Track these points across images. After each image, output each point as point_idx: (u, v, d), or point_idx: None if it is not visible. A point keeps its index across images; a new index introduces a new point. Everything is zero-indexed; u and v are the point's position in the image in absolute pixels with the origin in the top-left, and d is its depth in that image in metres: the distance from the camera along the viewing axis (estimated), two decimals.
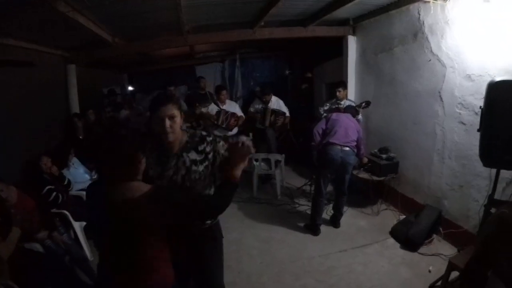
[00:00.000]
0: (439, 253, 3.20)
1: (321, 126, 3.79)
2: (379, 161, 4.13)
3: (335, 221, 3.94)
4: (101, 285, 1.57)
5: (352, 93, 5.04)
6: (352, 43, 5.01)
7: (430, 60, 3.47)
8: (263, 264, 3.25)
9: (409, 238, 3.38)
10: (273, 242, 3.68)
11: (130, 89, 7.31)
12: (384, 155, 4.15)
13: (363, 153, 3.98)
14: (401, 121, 4.15)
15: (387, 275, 3.01)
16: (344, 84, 4.69)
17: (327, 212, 4.10)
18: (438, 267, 2.98)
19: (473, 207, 3.13)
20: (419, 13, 3.56)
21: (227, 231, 2.37)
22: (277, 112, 4.99)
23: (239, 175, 1.56)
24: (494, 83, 2.30)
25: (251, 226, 4.05)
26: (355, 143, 3.69)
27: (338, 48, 5.32)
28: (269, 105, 5.10)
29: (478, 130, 2.45)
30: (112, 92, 6.03)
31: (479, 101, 2.91)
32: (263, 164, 5.06)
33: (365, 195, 4.44)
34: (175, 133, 1.61)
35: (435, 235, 3.45)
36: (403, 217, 3.90)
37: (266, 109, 5.06)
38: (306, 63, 7.56)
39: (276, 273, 3.11)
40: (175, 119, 1.58)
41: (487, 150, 2.40)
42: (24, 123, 3.58)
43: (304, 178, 5.45)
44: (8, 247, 2.09)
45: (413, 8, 3.63)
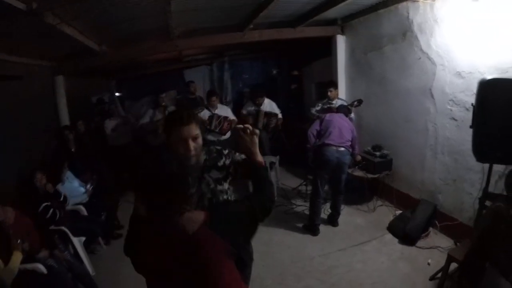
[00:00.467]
0: (437, 246, 3.30)
1: (315, 127, 3.82)
2: (373, 158, 4.19)
3: (333, 220, 3.99)
4: None
5: (342, 93, 5.08)
6: (341, 42, 5.05)
7: (420, 58, 3.54)
8: (265, 267, 3.26)
9: (406, 233, 3.45)
10: (273, 244, 3.70)
11: (117, 95, 7.18)
12: (377, 153, 4.22)
13: (358, 152, 4.05)
14: (392, 119, 4.22)
15: (387, 271, 3.07)
16: (334, 84, 4.73)
17: (324, 211, 4.14)
18: (436, 260, 3.07)
19: (467, 200, 3.23)
20: (407, 12, 3.62)
21: None
22: (269, 114, 5.00)
23: (262, 159, 1.45)
24: (485, 81, 2.37)
25: None
26: (349, 143, 3.75)
27: (326, 47, 5.35)
28: (262, 107, 5.10)
29: (470, 126, 2.52)
30: (100, 101, 5.91)
31: (470, 98, 3.00)
32: None
33: (360, 192, 4.51)
34: (199, 155, 1.47)
35: (431, 229, 3.54)
36: (399, 212, 3.98)
37: (259, 112, 5.06)
38: (294, 63, 7.58)
39: (278, 275, 3.14)
40: (198, 140, 1.44)
41: (479, 146, 2.48)
42: (13, 138, 3.48)
43: (298, 178, 5.49)
44: (11, 272, 2.05)
45: (401, 7, 3.69)
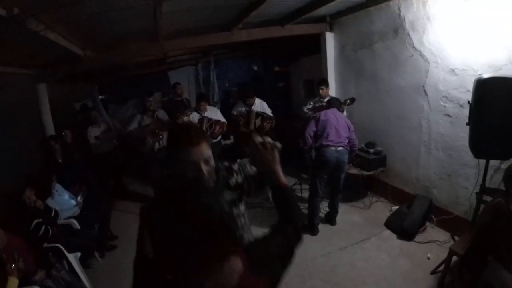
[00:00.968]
0: (434, 240, 3.37)
1: (311, 128, 3.78)
2: (367, 156, 4.23)
3: (331, 219, 4.01)
4: None
5: (332, 90, 5.08)
6: (330, 39, 5.04)
7: (412, 55, 3.57)
8: None
9: (404, 228, 3.51)
10: None
11: (100, 97, 6.93)
12: (371, 150, 4.25)
13: (357, 148, 3.98)
14: (385, 116, 4.25)
15: (388, 267, 3.12)
16: (326, 82, 4.71)
17: (321, 209, 4.15)
18: (435, 254, 3.15)
19: (462, 194, 3.30)
20: (399, 9, 3.64)
21: None
22: (264, 116, 4.92)
23: (284, 178, 1.26)
24: (482, 79, 2.40)
25: None
26: (347, 140, 3.73)
27: (314, 44, 5.33)
28: (253, 107, 5.03)
29: (467, 124, 2.57)
30: (84, 107, 5.69)
31: (464, 94, 3.05)
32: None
33: (355, 189, 4.54)
34: (211, 179, 1.25)
35: (428, 223, 3.62)
36: (394, 207, 4.03)
37: (250, 112, 4.98)
38: (281, 60, 7.54)
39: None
40: (211, 162, 1.24)
41: (477, 144, 2.53)
42: None
43: (290, 177, 5.46)
44: None
45: (393, 4, 3.70)
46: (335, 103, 3.98)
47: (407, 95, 3.78)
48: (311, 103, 4.78)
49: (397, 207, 3.95)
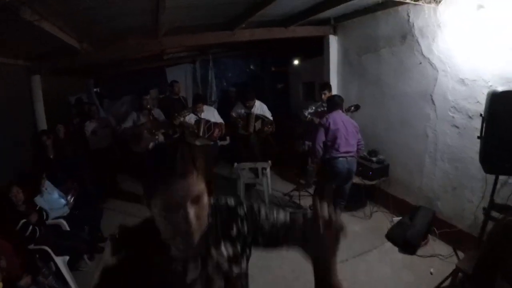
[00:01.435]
0: (437, 254, 3.27)
1: (321, 138, 3.61)
2: (370, 164, 4.13)
3: None
4: None
5: (334, 93, 4.92)
6: (333, 42, 4.94)
7: (420, 63, 3.48)
8: (267, 284, 3.12)
9: (407, 240, 3.40)
10: (271, 257, 3.54)
11: (95, 90, 6.76)
12: (374, 158, 4.15)
13: (363, 146, 3.88)
14: (388, 122, 4.15)
15: (391, 281, 3.02)
16: (329, 86, 4.60)
17: None
18: (437, 268, 3.05)
19: (468, 207, 3.21)
20: (408, 15, 3.54)
21: None
22: (264, 120, 4.81)
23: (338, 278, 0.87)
24: (497, 93, 2.31)
25: None
26: (356, 146, 3.67)
27: (315, 47, 5.23)
28: (253, 110, 4.91)
29: (478, 137, 2.48)
30: (79, 100, 5.51)
31: (473, 106, 2.96)
32: (249, 172, 4.89)
33: (356, 198, 4.40)
34: (202, 225, 0.83)
35: (430, 236, 3.51)
36: (395, 218, 3.93)
37: (249, 115, 4.87)
38: (280, 61, 7.44)
39: None
40: (203, 200, 0.81)
41: (488, 157, 2.44)
42: None
43: (288, 182, 5.36)
44: None
45: (402, 10, 3.60)
46: (339, 102, 3.76)
47: (413, 101, 3.68)
48: (313, 107, 4.67)
49: (399, 218, 3.84)
